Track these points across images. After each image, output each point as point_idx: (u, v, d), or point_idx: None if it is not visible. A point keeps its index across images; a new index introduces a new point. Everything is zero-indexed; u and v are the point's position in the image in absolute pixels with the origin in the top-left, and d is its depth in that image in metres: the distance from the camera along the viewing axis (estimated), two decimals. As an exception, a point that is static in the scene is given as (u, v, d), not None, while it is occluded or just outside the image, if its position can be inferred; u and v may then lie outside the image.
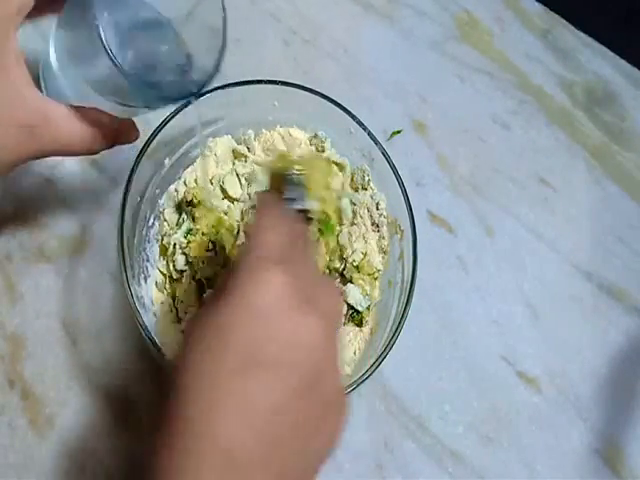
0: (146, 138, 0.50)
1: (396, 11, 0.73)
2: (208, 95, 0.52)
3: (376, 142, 0.54)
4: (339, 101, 0.56)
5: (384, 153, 0.54)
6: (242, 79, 0.55)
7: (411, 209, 0.53)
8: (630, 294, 0.64)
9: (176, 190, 0.55)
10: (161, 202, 0.55)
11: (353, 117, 0.54)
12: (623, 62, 0.73)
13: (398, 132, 0.67)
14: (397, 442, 0.56)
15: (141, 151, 0.50)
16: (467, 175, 0.67)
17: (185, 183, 0.56)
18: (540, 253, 0.64)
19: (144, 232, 0.53)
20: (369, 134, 0.54)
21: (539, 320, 0.62)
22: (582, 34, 0.74)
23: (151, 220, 0.54)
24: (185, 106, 0.50)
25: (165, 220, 0.55)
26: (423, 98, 0.69)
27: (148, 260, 0.53)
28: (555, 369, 0.60)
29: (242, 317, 0.34)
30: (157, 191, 0.54)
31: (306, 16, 0.71)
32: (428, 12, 0.73)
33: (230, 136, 0.57)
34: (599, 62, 0.73)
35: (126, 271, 0.47)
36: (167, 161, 0.54)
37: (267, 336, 0.33)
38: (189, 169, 0.56)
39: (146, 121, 0.50)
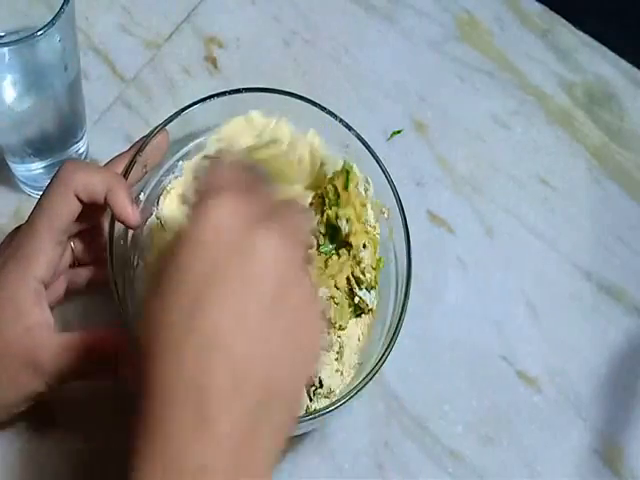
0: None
1: (397, 11, 0.73)
2: (177, 119, 0.51)
3: (349, 128, 0.53)
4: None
5: (358, 137, 0.53)
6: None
7: (394, 185, 0.52)
8: (630, 294, 0.63)
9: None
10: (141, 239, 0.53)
11: (323, 109, 0.54)
12: (623, 62, 0.73)
13: (398, 132, 0.67)
14: (397, 442, 0.56)
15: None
16: (467, 175, 0.67)
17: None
18: (540, 252, 0.64)
19: (131, 274, 0.52)
20: (340, 121, 0.53)
21: (539, 319, 0.62)
22: (582, 34, 0.73)
23: (136, 261, 0.52)
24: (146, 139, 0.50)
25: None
26: (423, 98, 0.69)
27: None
28: (555, 368, 0.60)
29: (196, 242, 0.32)
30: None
31: (307, 16, 0.71)
32: (428, 12, 0.73)
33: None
34: (599, 62, 0.72)
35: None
36: (142, 196, 0.53)
37: (226, 254, 0.32)
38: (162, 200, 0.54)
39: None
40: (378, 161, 0.53)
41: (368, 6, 0.72)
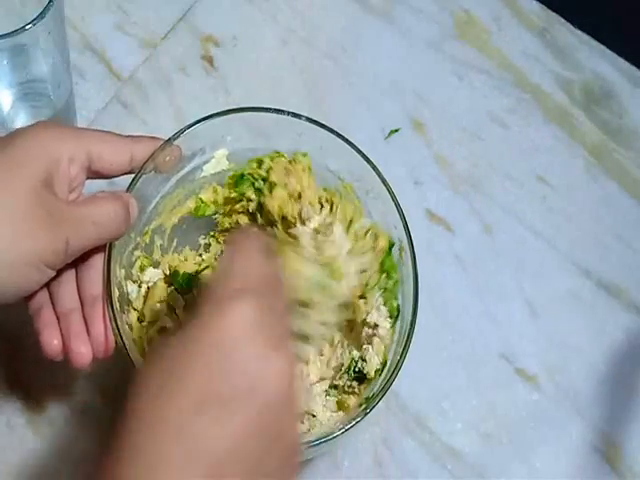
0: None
1: (394, 10, 0.73)
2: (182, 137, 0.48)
3: (339, 136, 0.50)
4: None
5: (348, 141, 0.50)
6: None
7: (389, 185, 0.50)
8: (628, 291, 0.63)
9: None
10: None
11: (331, 131, 0.50)
12: (621, 60, 0.73)
13: (396, 131, 0.67)
14: (396, 440, 0.56)
15: None
16: (465, 173, 0.67)
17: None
18: (539, 251, 0.64)
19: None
20: (331, 131, 0.50)
21: (538, 317, 0.62)
22: (580, 32, 0.73)
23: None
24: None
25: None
26: (421, 97, 0.69)
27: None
28: (554, 366, 0.60)
29: (203, 349, 0.31)
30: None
31: (304, 15, 0.71)
32: (426, 11, 0.73)
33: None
34: (597, 60, 0.72)
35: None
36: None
37: (228, 371, 0.31)
38: None
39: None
40: (364, 157, 0.50)
41: (366, 5, 0.72)
